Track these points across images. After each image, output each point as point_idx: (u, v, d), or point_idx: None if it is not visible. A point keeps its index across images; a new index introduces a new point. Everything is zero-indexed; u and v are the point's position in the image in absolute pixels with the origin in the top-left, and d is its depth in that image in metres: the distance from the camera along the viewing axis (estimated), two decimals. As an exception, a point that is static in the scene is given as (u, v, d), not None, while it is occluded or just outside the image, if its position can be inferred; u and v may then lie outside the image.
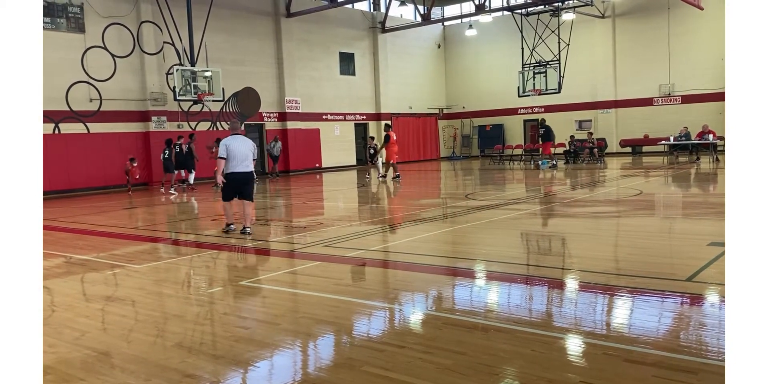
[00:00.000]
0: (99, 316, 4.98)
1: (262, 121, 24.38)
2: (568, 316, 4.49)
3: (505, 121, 31.60)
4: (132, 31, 20.15)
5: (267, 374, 3.61)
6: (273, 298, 5.29)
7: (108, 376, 3.58)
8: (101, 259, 7.49)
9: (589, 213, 10.05)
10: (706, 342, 3.81)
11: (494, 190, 14.89)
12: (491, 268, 6.28)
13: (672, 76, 26.65)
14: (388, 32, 29.20)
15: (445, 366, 3.49)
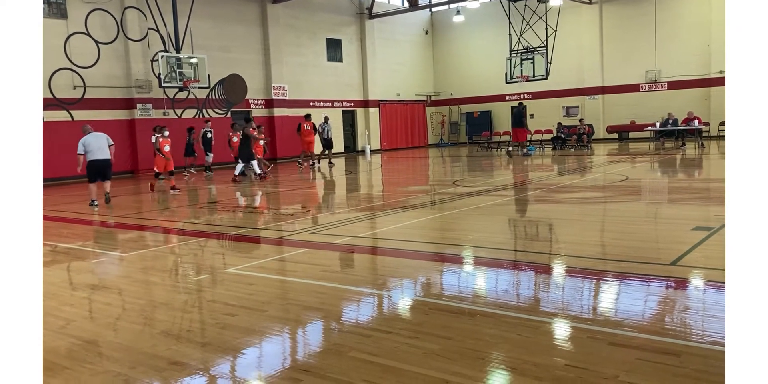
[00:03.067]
0: (84, 304, 4.95)
1: (249, 108, 24.19)
2: (554, 301, 4.52)
3: (492, 108, 31.57)
4: (116, 17, 19.84)
5: (254, 361, 3.61)
6: (260, 285, 5.28)
7: (93, 364, 3.57)
8: (86, 248, 7.44)
9: (575, 199, 10.10)
10: (689, 325, 3.85)
11: (482, 177, 14.92)
12: (478, 253, 6.31)
13: (658, 63, 26.72)
14: (375, 18, 28.98)
15: (431, 351, 3.51)
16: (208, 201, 12.48)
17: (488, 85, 30.61)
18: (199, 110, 22.36)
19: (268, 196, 12.89)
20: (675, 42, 26.22)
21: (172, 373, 3.39)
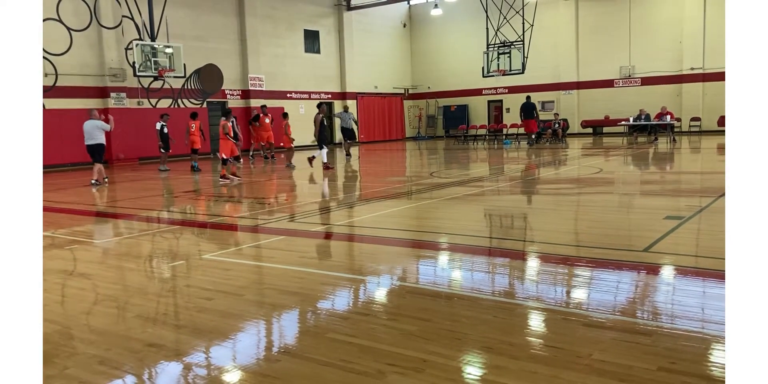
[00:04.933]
0: (57, 289, 4.87)
1: (225, 98, 23.95)
2: (529, 285, 4.58)
3: (469, 102, 31.71)
4: (89, 4, 19.45)
5: (232, 343, 3.59)
6: (237, 271, 5.25)
7: (66, 347, 3.53)
8: (60, 235, 7.32)
9: (550, 189, 10.22)
10: (659, 307, 3.94)
11: (458, 169, 15.00)
12: (455, 240, 6.35)
13: (632, 59, 27.06)
14: (353, 10, 28.85)
15: (409, 332, 3.54)
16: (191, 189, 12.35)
17: (465, 79, 30.73)
18: (174, 100, 22.08)
19: (248, 186, 12.81)
20: (648, 38, 26.58)
21: (148, 354, 3.36)
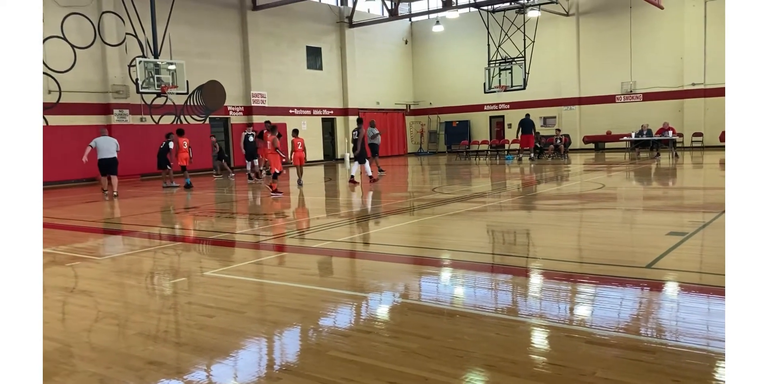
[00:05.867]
0: (58, 306, 4.86)
1: (228, 115, 24.09)
2: (532, 302, 4.56)
3: (471, 118, 31.84)
4: (93, 22, 19.67)
5: (234, 360, 3.57)
6: (238, 288, 5.24)
7: (67, 365, 3.50)
8: (61, 252, 7.31)
9: (553, 205, 10.21)
10: (663, 324, 3.91)
11: (460, 185, 15.01)
12: (457, 257, 6.34)
13: (633, 74, 27.21)
14: (355, 27, 29.12)
15: (411, 349, 3.51)
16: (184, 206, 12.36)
17: (467, 95, 30.89)
18: (176, 116, 22.20)
19: (250, 203, 12.81)
20: (649, 54, 26.74)
21: (149, 372, 3.34)
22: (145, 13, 19.24)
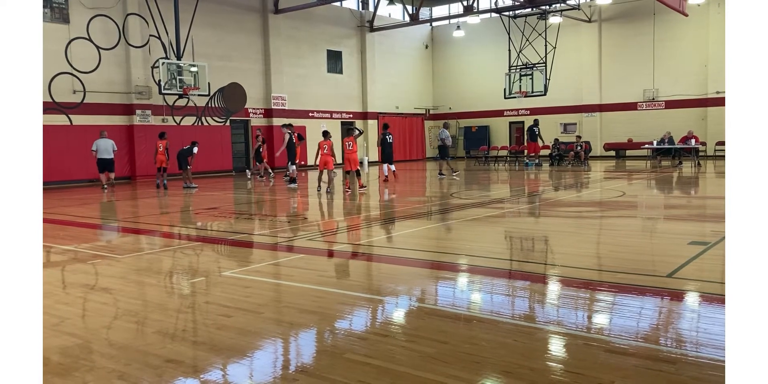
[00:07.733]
0: (79, 303, 4.92)
1: (248, 117, 24.26)
2: (550, 309, 4.52)
3: (490, 123, 31.73)
4: (118, 24, 19.96)
5: (251, 360, 3.59)
6: (256, 289, 5.26)
7: (86, 361, 3.55)
8: (82, 250, 7.41)
9: (572, 212, 10.13)
10: (684, 334, 3.85)
11: (479, 190, 14.95)
12: (475, 262, 6.31)
13: (656, 82, 26.94)
14: (376, 31, 29.20)
15: (428, 354, 3.50)
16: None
17: (487, 100, 30.79)
18: (198, 118, 22.41)
19: (263, 204, 12.88)
20: (673, 61, 26.47)
21: (167, 370, 3.37)
22: (168, 15, 19.46)
